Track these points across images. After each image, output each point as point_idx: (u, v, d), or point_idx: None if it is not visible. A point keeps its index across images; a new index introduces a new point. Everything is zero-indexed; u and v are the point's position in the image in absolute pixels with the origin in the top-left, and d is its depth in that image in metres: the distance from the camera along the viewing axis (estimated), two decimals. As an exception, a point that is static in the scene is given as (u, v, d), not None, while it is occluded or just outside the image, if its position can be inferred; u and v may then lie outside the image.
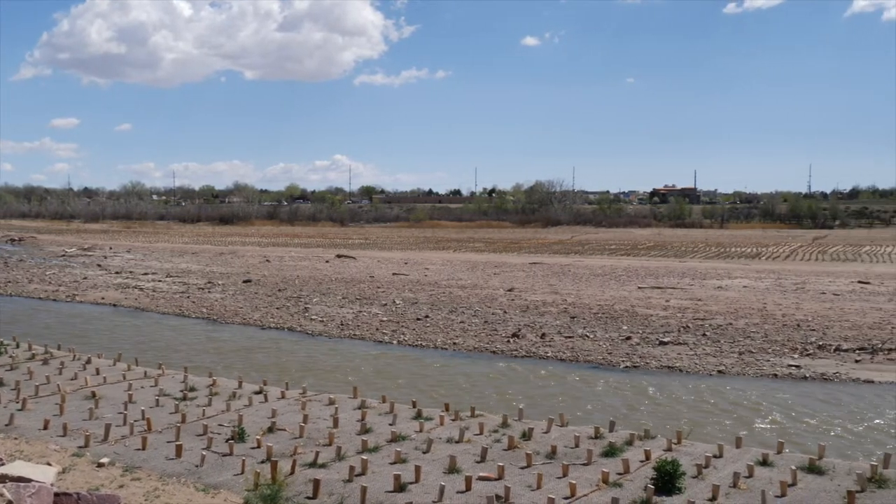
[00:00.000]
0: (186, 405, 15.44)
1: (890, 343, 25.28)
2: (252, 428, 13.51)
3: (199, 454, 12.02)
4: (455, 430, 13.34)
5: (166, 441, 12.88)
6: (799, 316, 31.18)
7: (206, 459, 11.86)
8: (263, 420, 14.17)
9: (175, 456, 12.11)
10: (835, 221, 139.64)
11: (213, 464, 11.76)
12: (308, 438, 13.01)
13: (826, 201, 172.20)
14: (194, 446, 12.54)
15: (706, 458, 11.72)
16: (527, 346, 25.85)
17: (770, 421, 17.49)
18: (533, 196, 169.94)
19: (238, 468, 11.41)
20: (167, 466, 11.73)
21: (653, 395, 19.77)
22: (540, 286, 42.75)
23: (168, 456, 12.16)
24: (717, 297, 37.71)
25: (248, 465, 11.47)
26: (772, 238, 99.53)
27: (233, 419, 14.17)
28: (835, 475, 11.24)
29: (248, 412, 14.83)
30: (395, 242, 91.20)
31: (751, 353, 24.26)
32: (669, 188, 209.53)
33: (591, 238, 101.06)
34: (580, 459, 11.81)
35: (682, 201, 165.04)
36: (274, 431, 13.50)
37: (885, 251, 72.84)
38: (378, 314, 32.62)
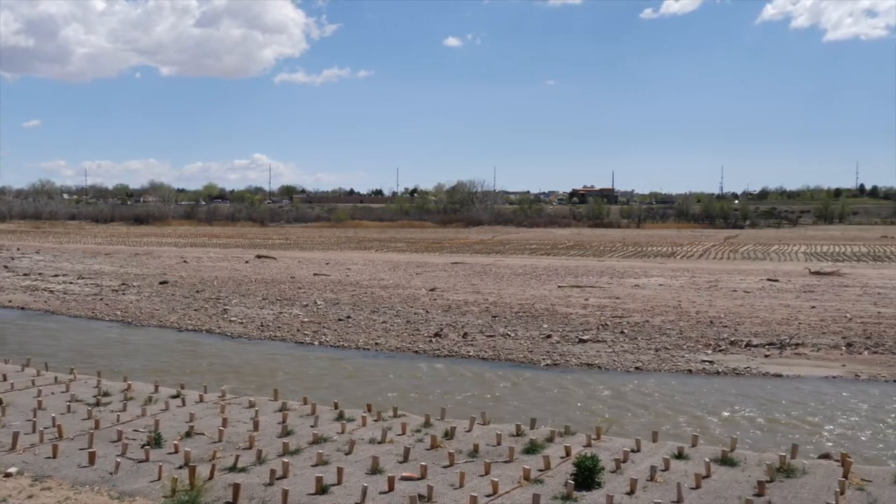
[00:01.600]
0: (100, 411, 14.96)
1: (797, 338, 26.27)
2: (169, 433, 13.17)
3: (113, 461, 11.66)
4: (377, 431, 13.28)
5: (79, 448, 12.46)
6: (712, 313, 32.12)
7: (121, 466, 11.52)
8: (181, 424, 13.83)
9: (88, 463, 11.72)
10: (745, 221, 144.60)
11: (128, 471, 11.43)
12: (227, 442, 12.77)
13: (737, 202, 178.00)
14: (108, 453, 12.16)
15: (624, 453, 11.95)
16: (449, 345, 25.95)
17: (685, 415, 17.97)
18: (454, 196, 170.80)
19: (154, 474, 11.11)
20: (80, 474, 11.35)
21: (573, 392, 20.08)
22: (462, 286, 42.97)
23: (80, 464, 11.76)
24: (635, 295, 38.56)
25: (165, 471, 11.18)
26: (686, 237, 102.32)
27: (149, 424, 13.79)
28: (746, 466, 11.60)
29: (165, 417, 14.46)
30: (317, 242, 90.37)
31: (667, 350, 24.88)
32: (588, 189, 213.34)
33: (512, 238, 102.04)
34: (502, 457, 11.90)
35: (600, 202, 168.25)
36: (192, 436, 13.19)
37: (793, 250, 75.69)
38: (299, 315, 32.27)
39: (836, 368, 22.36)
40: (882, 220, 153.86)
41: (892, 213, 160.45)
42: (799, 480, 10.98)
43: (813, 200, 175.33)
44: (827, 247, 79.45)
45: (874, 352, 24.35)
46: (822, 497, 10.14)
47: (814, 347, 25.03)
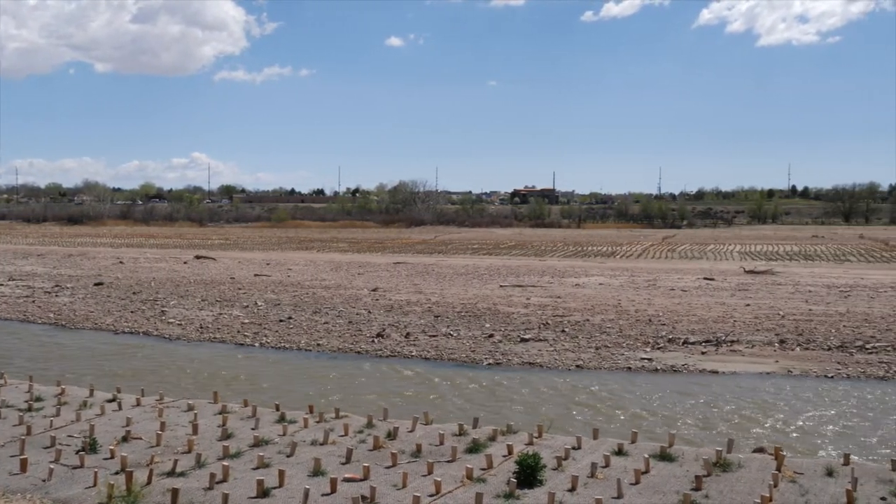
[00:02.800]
0: (32, 416, 14.55)
1: (732, 336, 26.87)
2: (105, 438, 12.88)
3: (46, 468, 11.35)
4: (319, 432, 13.18)
5: (9, 455, 12.10)
6: (651, 311, 32.66)
7: (55, 473, 11.22)
8: (117, 429, 13.53)
9: (20, 471, 11.39)
10: (683, 221, 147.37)
11: (62, 477, 11.14)
12: (166, 446, 12.54)
13: (675, 202, 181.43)
14: (41, 459, 11.83)
15: (566, 451, 12.07)
16: (391, 345, 25.89)
17: (625, 412, 18.23)
18: (397, 196, 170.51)
19: (90, 481, 10.85)
20: (11, 482, 11.02)
21: (515, 391, 20.22)
22: (404, 286, 42.92)
23: (12, 471, 11.43)
24: (576, 294, 38.99)
25: (101, 477, 10.92)
26: (625, 237, 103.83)
27: (84, 429, 13.46)
28: (684, 461, 11.83)
29: (101, 422, 14.14)
30: (257, 243, 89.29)
31: (607, 348, 25.21)
32: (530, 189, 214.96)
33: (454, 238, 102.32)
34: (445, 457, 11.93)
35: (541, 202, 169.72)
36: (129, 441, 12.92)
37: (728, 249, 77.39)
38: (239, 316, 31.85)
39: (770, 365, 22.94)
40: (813, 220, 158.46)
41: (823, 213, 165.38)
42: (735, 474, 11.23)
43: (747, 201, 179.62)
44: (760, 246, 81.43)
45: (806, 348, 25.04)
46: (757, 490, 10.39)
47: (748, 344, 25.64)
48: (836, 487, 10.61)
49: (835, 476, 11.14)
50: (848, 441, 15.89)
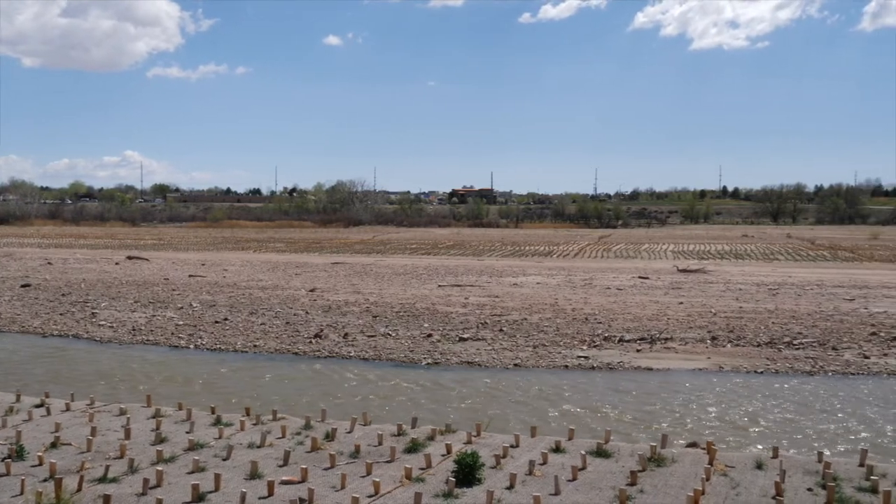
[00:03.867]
0: (-45, 423, 14.04)
1: (666, 333, 27.40)
2: (33, 444, 12.50)
3: (-30, 476, 10.96)
4: (256, 435, 13.02)
5: (-70, 464, 11.65)
6: (587, 310, 33.09)
7: (-21, 481, 10.84)
8: (46, 435, 13.14)
9: (-59, 480, 10.97)
10: (618, 221, 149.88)
11: (-14, 485, 10.77)
12: (97, 452, 12.22)
13: (610, 202, 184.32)
14: (-36, 468, 11.42)
15: (504, 449, 12.15)
16: (329, 346, 25.72)
17: (563, 410, 18.44)
18: (335, 196, 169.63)
19: (17, 489, 10.51)
20: (-68, 492, 10.61)
21: (454, 390, 20.27)
22: (342, 286, 42.68)
23: (-67, 480, 11.00)
24: (513, 293, 39.29)
25: (29, 485, 10.59)
26: (562, 237, 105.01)
27: (10, 436, 13.04)
28: (619, 457, 12.02)
29: (28, 427, 13.72)
30: (192, 243, 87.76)
31: (544, 347, 25.46)
32: (468, 189, 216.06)
33: (392, 238, 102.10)
34: (384, 457, 11.89)
35: (479, 202, 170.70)
36: (58, 447, 12.56)
37: (662, 248, 78.90)
38: (173, 318, 31.25)
39: (702, 361, 23.45)
40: (743, 219, 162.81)
41: (752, 213, 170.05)
42: (669, 469, 11.46)
43: (680, 201, 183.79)
44: (693, 245, 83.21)
45: (736, 344, 25.68)
46: (690, 484, 10.61)
47: (682, 341, 26.17)
48: (765, 480, 10.91)
49: (764, 469, 11.46)
50: (777, 434, 16.35)
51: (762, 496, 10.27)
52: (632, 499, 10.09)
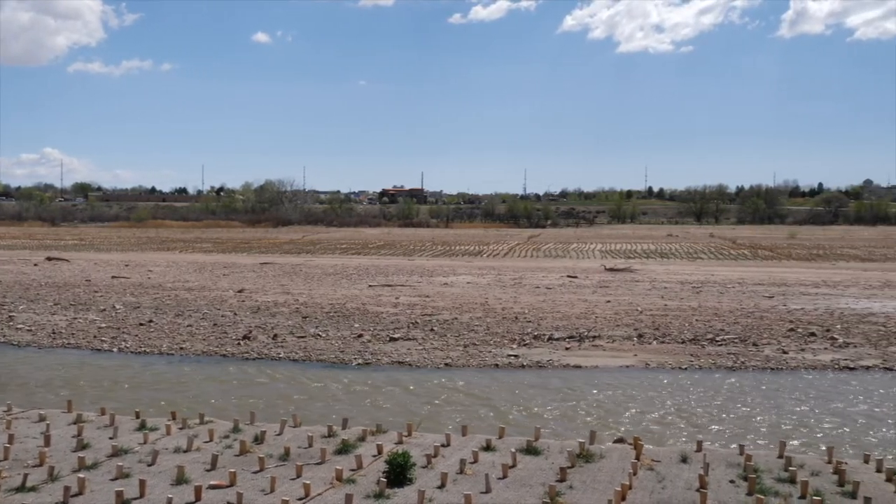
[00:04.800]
0: None
1: (594, 331, 27.84)
2: (-55, 453, 12.00)
3: None
4: (183, 439, 12.75)
5: None
6: (517, 309, 33.39)
7: None
8: (-41, 443, 12.63)
9: None
10: (547, 221, 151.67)
11: None
12: (14, 460, 11.80)
13: (539, 202, 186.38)
14: None
15: (435, 448, 12.17)
16: (258, 347, 25.37)
17: (493, 408, 18.56)
18: (263, 195, 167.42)
19: (-72, 500, 10.08)
20: None
21: (385, 391, 20.22)
22: (271, 286, 42.16)
23: None
24: (444, 293, 39.39)
25: (-59, 496, 10.17)
26: (492, 237, 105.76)
27: (-79, 445, 12.49)
28: (549, 454, 12.16)
29: (-59, 436, 13.16)
30: (115, 243, 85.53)
31: (475, 346, 25.59)
32: (398, 189, 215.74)
33: (322, 237, 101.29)
34: (314, 459, 11.79)
35: (410, 201, 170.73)
36: (-27, 455, 12.08)
37: (590, 248, 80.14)
38: (96, 320, 30.40)
39: (629, 358, 23.90)
40: (668, 219, 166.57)
41: (677, 213, 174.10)
42: (597, 464, 11.65)
43: (607, 201, 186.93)
44: (620, 245, 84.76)
45: (662, 342, 26.24)
46: (618, 478, 10.81)
47: (609, 339, 26.62)
48: (690, 473, 11.18)
49: (689, 462, 11.74)
50: (701, 428, 16.77)
51: (687, 489, 10.53)
52: (561, 495, 10.22)
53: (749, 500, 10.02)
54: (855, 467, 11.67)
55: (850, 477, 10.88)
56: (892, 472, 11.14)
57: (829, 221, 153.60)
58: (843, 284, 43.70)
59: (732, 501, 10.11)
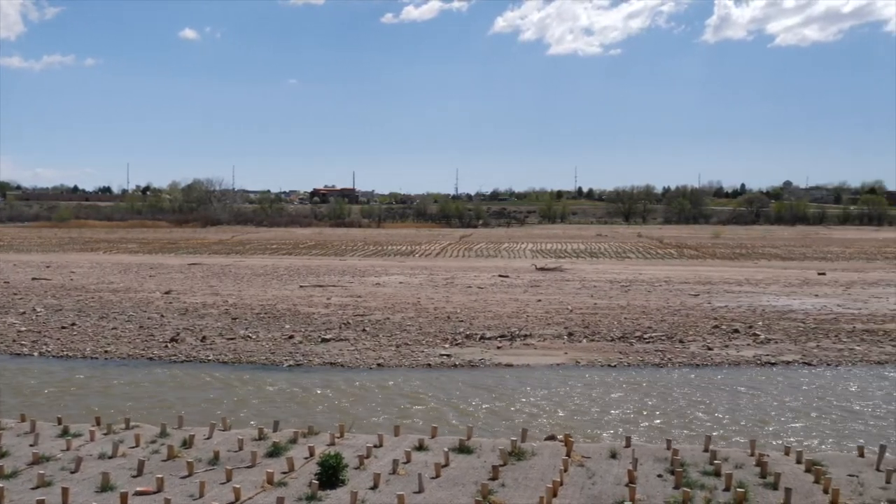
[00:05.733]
0: None
1: (525, 330, 28.10)
2: None
3: None
4: (108, 445, 12.43)
5: None
6: (449, 309, 33.49)
7: None
8: None
9: None
10: (479, 221, 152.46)
11: None
12: (-72, 470, 11.33)
13: (471, 202, 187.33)
14: None
15: (367, 449, 12.13)
16: (187, 350, 24.88)
17: (426, 408, 18.58)
18: (191, 195, 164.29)
19: None
20: None
21: (317, 392, 20.05)
22: (200, 287, 41.40)
23: None
24: (376, 293, 39.27)
25: None
26: (424, 236, 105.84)
27: None
28: (482, 453, 12.24)
29: None
30: (35, 244, 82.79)
31: (407, 346, 25.58)
32: (330, 188, 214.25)
33: (252, 237, 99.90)
34: (244, 462, 11.63)
35: (342, 201, 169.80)
36: None
37: (521, 248, 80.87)
38: (15, 324, 29.38)
39: (560, 356, 24.20)
40: (597, 219, 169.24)
41: (606, 213, 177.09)
42: (529, 462, 11.77)
43: (538, 202, 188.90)
44: (551, 244, 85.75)
45: (591, 340, 26.65)
46: (549, 475, 10.93)
47: (540, 338, 26.91)
48: (619, 468, 11.38)
49: (618, 458, 11.96)
50: (630, 424, 17.09)
51: (616, 484, 10.71)
52: (493, 493, 10.29)
53: (676, 494, 10.24)
54: (776, 459, 12.05)
55: (771, 469, 11.23)
56: (812, 463, 11.55)
57: (751, 221, 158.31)
58: (765, 282, 45.07)
59: (660, 495, 10.33)
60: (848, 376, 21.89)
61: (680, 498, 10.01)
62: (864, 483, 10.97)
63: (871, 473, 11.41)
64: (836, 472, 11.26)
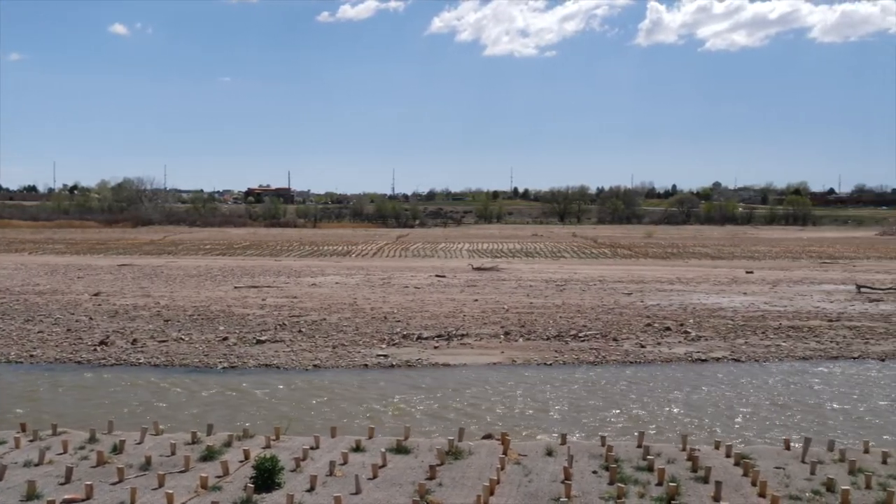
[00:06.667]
0: None
1: (462, 329, 28.21)
2: None
3: None
4: (34, 452, 12.05)
5: None
6: (386, 309, 33.41)
7: None
8: None
9: None
10: (415, 221, 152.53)
11: None
12: None
13: (408, 202, 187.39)
14: None
15: (304, 451, 12.04)
16: (117, 353, 24.29)
17: (363, 408, 18.49)
18: (121, 194, 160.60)
19: None
20: None
21: (252, 394, 19.79)
22: (130, 289, 40.48)
23: None
24: (312, 293, 38.95)
25: None
26: (361, 236, 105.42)
27: None
28: (419, 452, 12.25)
29: None
30: (-44, 245, 79.88)
31: (344, 346, 25.43)
32: (265, 188, 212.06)
33: (185, 238, 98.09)
34: (177, 467, 11.41)
35: (277, 201, 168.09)
36: None
37: (458, 248, 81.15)
38: (-66, 328, 28.28)
39: (497, 356, 24.35)
40: (533, 219, 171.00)
41: (541, 213, 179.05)
42: (466, 461, 11.82)
43: (474, 202, 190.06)
44: (487, 244, 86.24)
45: (528, 339, 26.88)
46: (486, 474, 11.00)
47: (477, 337, 27.04)
48: (555, 466, 11.51)
49: (554, 455, 12.10)
50: (565, 422, 17.28)
51: (552, 481, 10.83)
52: (431, 493, 10.30)
53: (611, 490, 10.41)
54: (707, 453, 12.35)
55: (702, 463, 11.50)
56: (740, 457, 11.87)
57: (682, 221, 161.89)
58: (696, 281, 46.11)
59: (595, 491, 10.48)
60: (775, 372, 22.54)
61: (614, 493, 10.18)
62: (790, 475, 11.32)
63: (797, 465, 11.78)
64: (763, 465, 11.59)
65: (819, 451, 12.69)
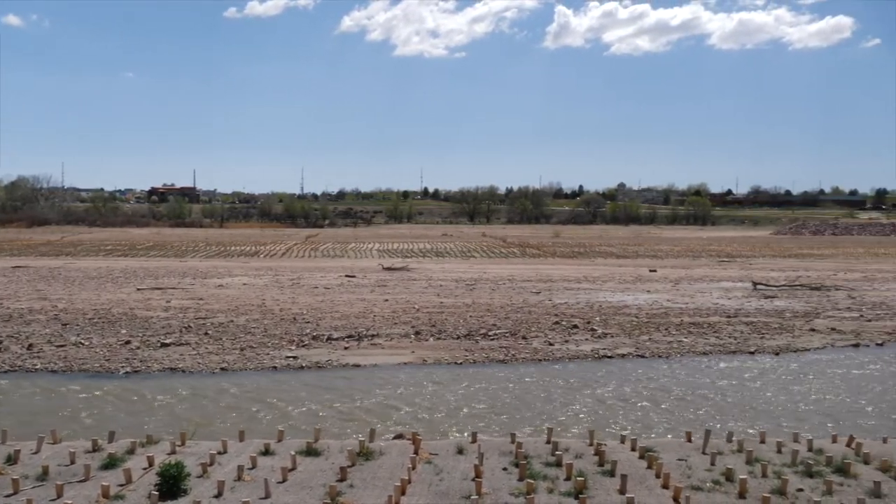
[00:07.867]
0: None
1: (373, 330, 28.12)
2: None
3: None
4: (-80, 464, 11.43)
5: None
6: (295, 310, 33.01)
7: None
8: None
9: None
10: (325, 221, 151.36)
11: None
12: None
13: (317, 202, 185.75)
14: None
15: (211, 456, 11.79)
16: (11, 359, 23.24)
17: (273, 411, 18.23)
18: (15, 193, 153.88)
19: None
20: None
21: (156, 399, 19.25)
22: (25, 292, 38.83)
23: None
24: (219, 295, 38.17)
25: None
26: (269, 237, 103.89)
27: None
28: (329, 454, 12.15)
29: None
30: None
31: (252, 348, 25.00)
32: (169, 187, 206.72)
33: (84, 238, 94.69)
34: (77, 476, 11.01)
35: (181, 200, 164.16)
36: None
37: (368, 247, 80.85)
38: None
39: (407, 355, 24.36)
40: (443, 219, 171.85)
41: (451, 213, 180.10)
42: (377, 461, 11.79)
43: (385, 202, 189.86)
44: (397, 244, 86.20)
45: (438, 338, 26.99)
46: (397, 474, 11.00)
47: (388, 337, 27.00)
48: (466, 464, 11.60)
49: (465, 453, 12.18)
50: (476, 420, 17.43)
51: (463, 479, 10.91)
52: (342, 494, 10.24)
53: (520, 486, 10.56)
54: (613, 447, 12.66)
55: (609, 457, 11.77)
56: (645, 450, 12.21)
57: (588, 221, 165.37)
58: (602, 280, 47.19)
59: (505, 488, 10.61)
60: (677, 367, 23.27)
61: (524, 489, 10.32)
62: (691, 466, 11.71)
63: (698, 457, 12.20)
64: (666, 458, 11.95)
65: (719, 442, 13.17)
